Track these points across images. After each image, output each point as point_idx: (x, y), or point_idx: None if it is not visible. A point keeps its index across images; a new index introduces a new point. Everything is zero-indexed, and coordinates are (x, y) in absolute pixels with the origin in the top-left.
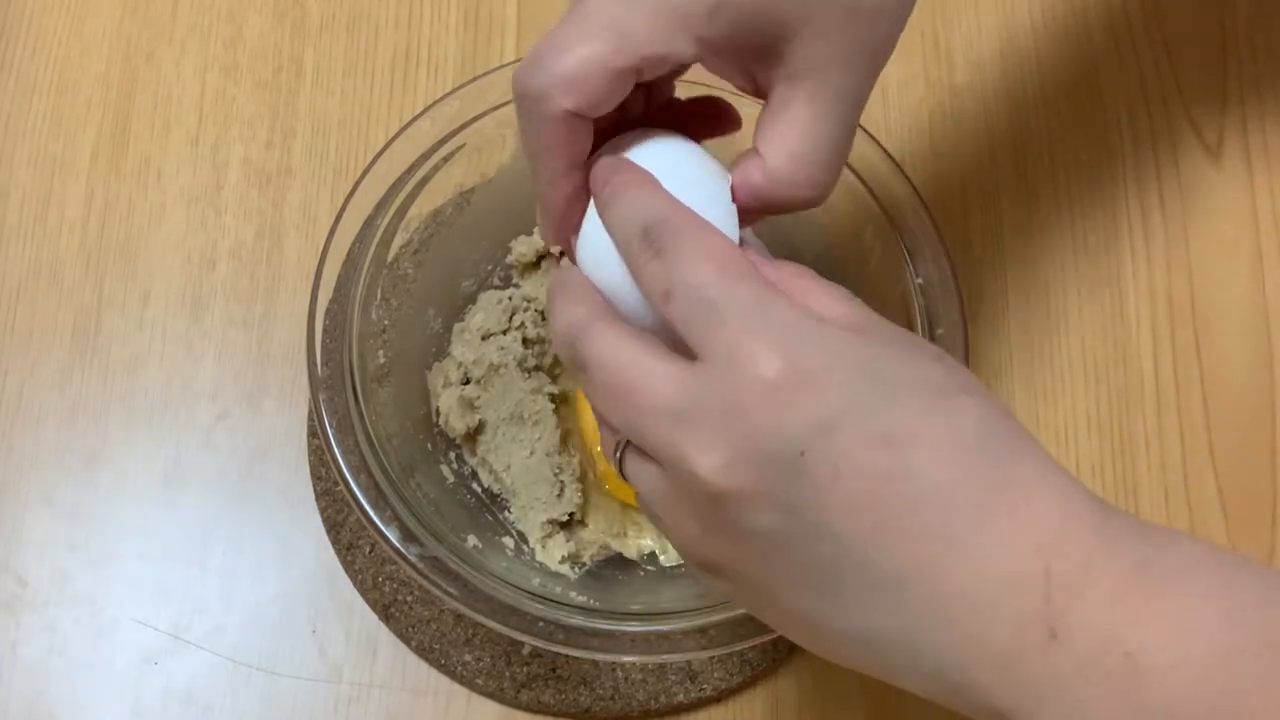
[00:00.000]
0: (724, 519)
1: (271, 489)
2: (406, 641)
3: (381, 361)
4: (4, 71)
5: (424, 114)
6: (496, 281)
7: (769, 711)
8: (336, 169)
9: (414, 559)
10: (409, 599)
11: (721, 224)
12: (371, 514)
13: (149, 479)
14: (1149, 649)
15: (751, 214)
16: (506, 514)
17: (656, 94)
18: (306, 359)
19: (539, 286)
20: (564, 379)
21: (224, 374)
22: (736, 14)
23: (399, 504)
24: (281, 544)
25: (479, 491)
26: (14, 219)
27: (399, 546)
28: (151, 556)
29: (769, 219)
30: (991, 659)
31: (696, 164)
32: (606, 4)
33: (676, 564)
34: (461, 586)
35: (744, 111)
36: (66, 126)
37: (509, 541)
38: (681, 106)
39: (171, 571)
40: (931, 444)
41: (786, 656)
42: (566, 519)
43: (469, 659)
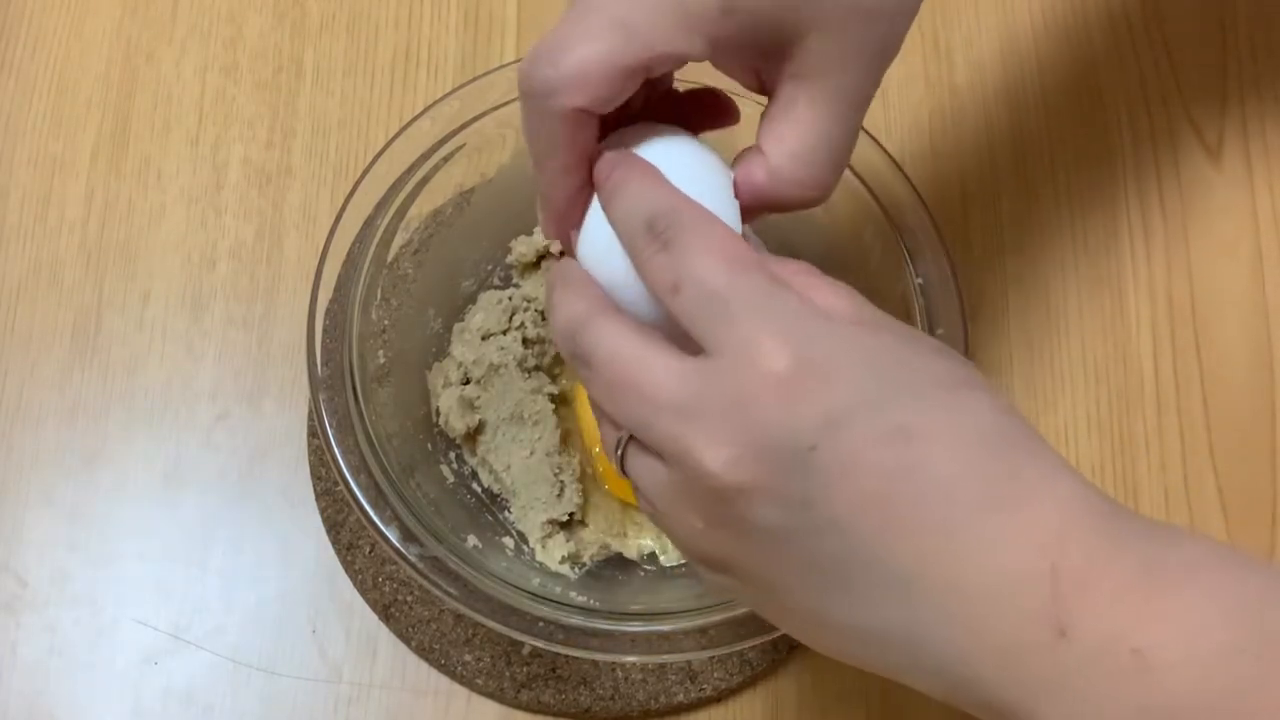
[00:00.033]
0: (729, 514)
1: (271, 489)
2: (406, 641)
3: (381, 361)
4: (4, 71)
5: (424, 114)
6: (496, 281)
7: (769, 711)
8: (336, 169)
9: (414, 559)
10: (409, 599)
11: (725, 219)
12: (371, 514)
13: (149, 479)
14: (1153, 647)
15: (752, 211)
16: (506, 514)
17: (656, 86)
18: (306, 359)
19: (539, 286)
20: (564, 379)
21: (224, 374)
22: (748, 14)
23: (399, 504)
24: (281, 544)
25: (479, 491)
26: (14, 219)
27: (399, 546)
28: (151, 556)
29: (768, 218)
30: (994, 654)
31: (699, 159)
32: (614, 1)
33: (677, 564)
34: (461, 586)
35: (744, 112)
36: (66, 126)
37: (509, 541)
38: (680, 99)
39: (171, 571)
40: (939, 439)
41: (786, 657)
42: (566, 519)
43: (469, 659)
